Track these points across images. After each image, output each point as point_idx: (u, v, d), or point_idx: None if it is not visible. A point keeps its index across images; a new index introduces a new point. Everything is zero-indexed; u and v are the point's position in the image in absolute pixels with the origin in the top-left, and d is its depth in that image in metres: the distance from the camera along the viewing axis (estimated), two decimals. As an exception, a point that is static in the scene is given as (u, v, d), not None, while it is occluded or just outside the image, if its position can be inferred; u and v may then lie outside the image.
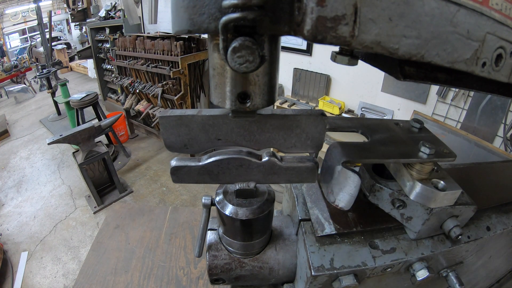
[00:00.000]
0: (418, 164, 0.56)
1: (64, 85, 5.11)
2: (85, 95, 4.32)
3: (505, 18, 0.36)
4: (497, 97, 2.44)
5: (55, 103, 6.06)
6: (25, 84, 8.69)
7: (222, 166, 0.52)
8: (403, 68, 0.42)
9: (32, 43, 9.66)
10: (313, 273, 0.58)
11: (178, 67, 3.92)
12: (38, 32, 7.57)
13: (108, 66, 6.00)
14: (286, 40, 3.76)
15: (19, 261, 3.05)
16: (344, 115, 3.54)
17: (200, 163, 0.52)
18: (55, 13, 12.12)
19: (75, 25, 9.75)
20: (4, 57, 11.52)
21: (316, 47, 3.65)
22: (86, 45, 6.49)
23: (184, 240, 1.71)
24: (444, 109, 2.93)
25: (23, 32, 13.26)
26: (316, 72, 3.69)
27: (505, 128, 2.53)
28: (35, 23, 9.33)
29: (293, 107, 3.85)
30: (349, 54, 0.39)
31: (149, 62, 4.28)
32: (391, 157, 0.55)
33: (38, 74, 5.90)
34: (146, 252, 1.64)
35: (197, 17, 0.32)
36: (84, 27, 8.44)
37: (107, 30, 5.47)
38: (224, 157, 0.51)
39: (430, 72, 0.43)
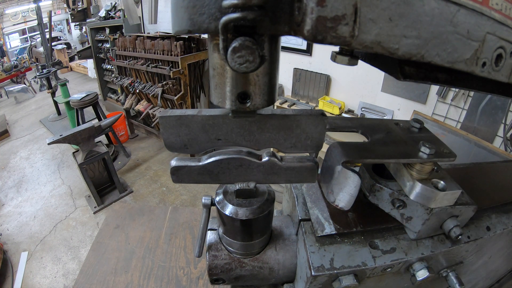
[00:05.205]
0: (418, 164, 0.56)
1: (64, 85, 5.11)
2: (85, 95, 4.32)
3: (505, 18, 0.36)
4: (497, 97, 2.44)
5: (55, 103, 6.06)
6: (25, 84, 8.69)
7: (222, 166, 0.52)
8: (403, 68, 0.42)
9: (32, 43, 9.66)
10: (313, 273, 0.58)
11: (178, 67, 3.92)
12: (38, 32, 7.58)
13: (108, 66, 6.00)
14: (286, 40, 3.76)
15: (19, 261, 3.05)
16: (344, 115, 3.54)
17: (200, 163, 0.52)
18: (55, 13, 12.12)
19: (75, 25, 9.75)
20: (4, 57, 11.52)
21: (316, 47, 3.65)
22: (86, 45, 6.49)
23: (184, 240, 1.71)
24: (444, 109, 2.93)
25: (23, 32, 13.26)
26: (316, 72, 3.69)
27: (505, 128, 2.53)
28: (35, 23, 9.32)
29: (293, 107, 3.85)
30: (349, 54, 0.39)
31: (149, 62, 4.28)
32: (391, 157, 0.55)
33: (38, 74, 5.91)
34: (146, 252, 1.64)
35: (197, 17, 0.32)
36: (84, 27, 8.44)
37: (107, 30, 5.47)
38: (224, 157, 0.51)
39: (430, 72, 0.43)
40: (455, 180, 0.58)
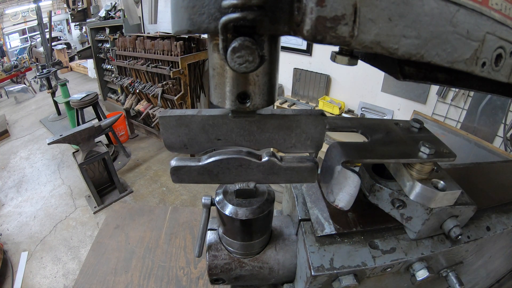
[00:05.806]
0: (418, 164, 0.56)
1: (64, 85, 5.11)
2: (85, 95, 4.32)
3: (505, 18, 0.36)
4: (497, 97, 2.44)
5: (55, 103, 6.06)
6: (25, 84, 8.69)
7: (222, 166, 0.52)
8: (403, 68, 0.42)
9: (32, 43, 9.67)
10: (313, 273, 0.58)
11: (178, 67, 3.92)
12: (38, 32, 7.58)
13: (108, 66, 6.00)
14: (286, 40, 3.76)
15: (19, 261, 3.05)
16: (344, 115, 3.53)
17: (200, 163, 0.52)
18: (55, 13, 12.12)
19: (75, 25, 9.76)
20: (4, 57, 11.53)
21: (316, 47, 3.65)
22: (86, 45, 6.49)
23: (184, 240, 1.71)
24: (444, 109, 2.93)
25: (23, 32, 13.27)
26: (316, 72, 3.69)
27: (505, 128, 2.53)
28: (35, 23, 9.33)
29: (293, 107, 3.85)
30: (349, 54, 0.39)
31: (149, 62, 4.28)
32: (391, 157, 0.55)
33: (38, 74, 5.91)
34: (146, 252, 1.64)
35: (197, 17, 0.32)
36: (84, 27, 8.44)
37: (107, 30, 5.47)
38: (224, 157, 0.51)
39: (430, 72, 0.43)
40: (455, 180, 0.58)
